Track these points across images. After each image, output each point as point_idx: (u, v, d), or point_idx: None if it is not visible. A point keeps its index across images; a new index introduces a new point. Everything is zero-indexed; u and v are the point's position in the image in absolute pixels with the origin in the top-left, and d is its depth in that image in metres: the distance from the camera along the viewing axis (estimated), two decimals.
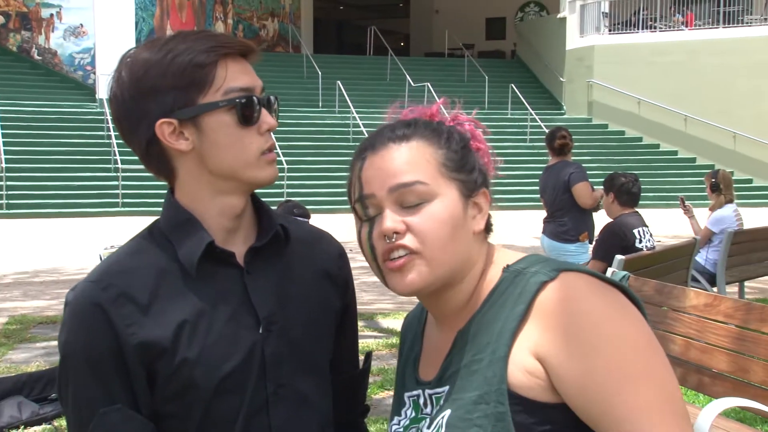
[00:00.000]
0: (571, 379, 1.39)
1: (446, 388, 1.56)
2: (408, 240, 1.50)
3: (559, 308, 1.42)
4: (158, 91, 1.61)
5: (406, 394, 1.67)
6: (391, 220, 1.50)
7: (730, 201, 8.62)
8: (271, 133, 1.66)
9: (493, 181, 1.66)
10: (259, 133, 1.63)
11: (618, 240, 6.39)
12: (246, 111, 1.62)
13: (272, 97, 1.68)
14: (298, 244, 1.79)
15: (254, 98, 1.62)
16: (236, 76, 1.62)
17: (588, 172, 7.61)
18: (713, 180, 8.65)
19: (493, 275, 1.58)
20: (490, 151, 1.66)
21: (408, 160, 1.52)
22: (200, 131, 1.62)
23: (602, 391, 1.36)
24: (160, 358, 1.61)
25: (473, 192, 1.57)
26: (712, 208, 8.63)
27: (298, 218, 1.93)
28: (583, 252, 7.35)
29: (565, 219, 7.49)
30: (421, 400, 1.62)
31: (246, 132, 1.62)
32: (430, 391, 1.60)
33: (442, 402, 1.55)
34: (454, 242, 1.52)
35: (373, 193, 1.53)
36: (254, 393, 1.66)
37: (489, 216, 1.62)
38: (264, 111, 1.64)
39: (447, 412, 1.50)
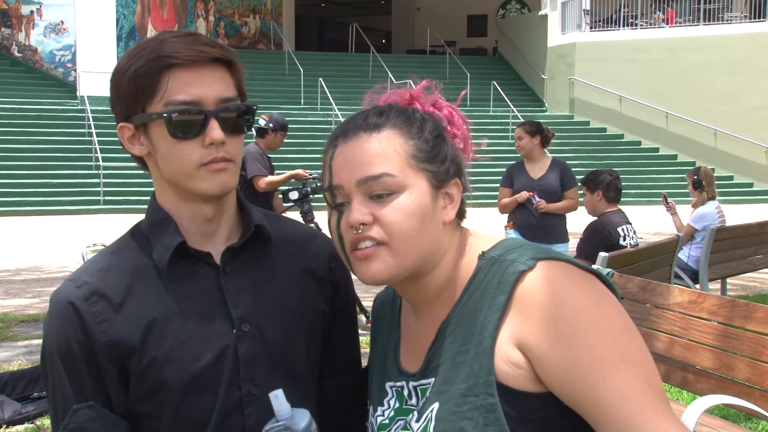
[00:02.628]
0: (554, 368, 1.40)
1: (432, 380, 1.56)
2: (375, 231, 1.51)
3: (539, 299, 1.43)
4: (119, 97, 1.65)
5: (388, 384, 1.66)
6: (358, 211, 1.51)
7: (713, 198, 8.66)
8: (225, 144, 1.61)
9: (474, 177, 1.66)
10: (203, 146, 1.60)
11: (602, 238, 6.40)
12: (176, 126, 1.60)
13: (236, 105, 1.64)
14: (285, 244, 1.78)
15: (193, 111, 1.59)
16: (179, 89, 1.59)
17: (570, 170, 7.60)
18: (695, 177, 8.68)
19: (469, 262, 1.57)
20: (472, 140, 1.66)
21: (377, 152, 1.52)
22: (150, 139, 1.64)
23: (586, 378, 1.38)
24: (130, 357, 1.62)
25: (444, 183, 1.57)
26: (695, 205, 8.65)
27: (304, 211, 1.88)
28: None
29: None
30: (405, 392, 1.62)
31: (186, 144, 1.61)
32: (415, 383, 1.60)
33: (428, 394, 1.55)
34: (422, 234, 1.52)
35: (341, 184, 1.53)
36: (227, 393, 1.66)
37: (463, 202, 1.62)
38: (212, 124, 1.60)
39: (435, 405, 1.51)
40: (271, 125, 7.87)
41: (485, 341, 1.46)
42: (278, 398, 1.60)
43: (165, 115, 1.60)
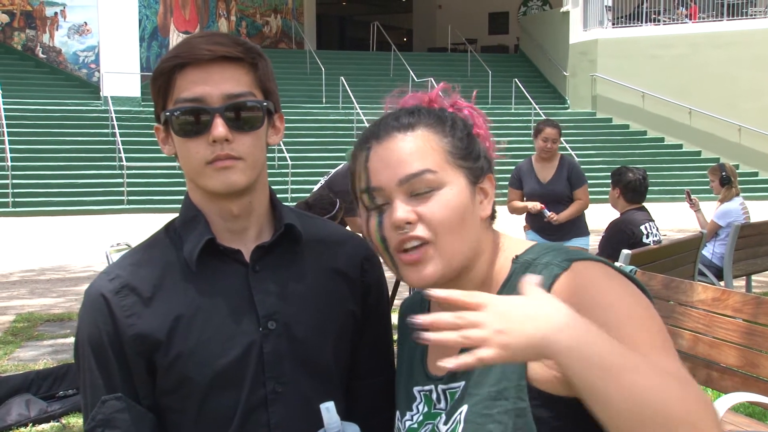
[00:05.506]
0: None
1: (461, 383, 1.54)
2: (420, 230, 1.49)
3: (573, 296, 1.40)
4: (152, 100, 1.68)
5: (416, 389, 1.65)
6: (402, 210, 1.49)
7: (737, 194, 8.62)
8: (232, 142, 1.61)
9: (497, 175, 1.65)
10: (208, 143, 1.61)
11: (625, 237, 6.35)
12: (178, 124, 1.62)
13: (245, 102, 1.63)
14: (317, 244, 1.79)
15: (195, 109, 1.60)
16: (187, 86, 1.61)
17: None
18: (723, 173, 8.62)
19: (503, 265, 1.57)
20: (492, 138, 1.65)
21: (415, 150, 1.51)
22: (173, 139, 1.67)
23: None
24: (156, 350, 1.64)
25: (480, 178, 1.56)
26: (723, 201, 8.60)
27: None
28: None
29: None
30: (434, 396, 1.61)
31: (193, 142, 1.62)
32: (444, 387, 1.59)
33: (457, 397, 1.54)
34: (465, 230, 1.51)
35: (380, 185, 1.52)
36: (252, 390, 1.66)
37: (493, 202, 1.61)
38: (215, 121, 1.60)
39: (464, 408, 1.49)
40: None
41: None
42: (329, 411, 1.59)
43: (168, 113, 1.62)
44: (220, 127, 1.59)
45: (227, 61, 1.62)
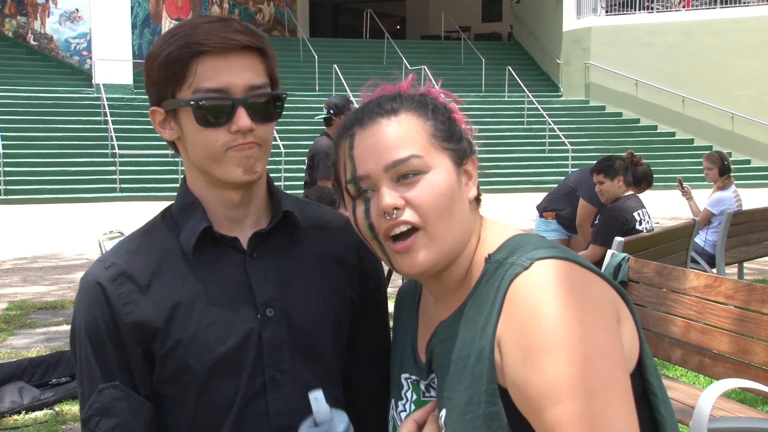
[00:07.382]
0: (511, 375, 1.37)
1: (436, 379, 1.55)
2: (408, 215, 1.48)
3: (519, 308, 1.38)
4: (151, 82, 1.67)
5: (403, 376, 1.66)
6: (389, 196, 1.48)
7: (732, 182, 8.67)
8: (253, 131, 1.62)
9: (490, 164, 1.64)
10: (229, 132, 1.61)
11: (620, 224, 6.38)
12: (203, 113, 1.61)
13: (265, 93, 1.64)
14: (315, 230, 1.79)
15: (220, 99, 1.60)
16: (208, 76, 1.60)
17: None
18: (725, 162, 8.65)
19: (480, 260, 1.54)
20: (467, 122, 1.64)
21: (399, 135, 1.51)
22: (179, 124, 1.66)
23: (531, 401, 1.34)
24: (154, 338, 1.64)
25: (463, 160, 1.56)
26: (720, 189, 8.62)
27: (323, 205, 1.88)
28: (544, 230, 7.58)
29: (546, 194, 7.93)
30: (422, 385, 1.61)
31: (212, 131, 1.61)
32: (426, 382, 1.59)
33: (437, 395, 1.54)
34: (454, 213, 1.50)
35: (367, 173, 1.51)
36: (251, 378, 1.66)
37: (477, 186, 1.61)
38: (239, 112, 1.60)
39: (443, 412, 1.49)
40: (332, 111, 7.64)
41: (486, 348, 1.42)
42: (318, 400, 1.57)
43: (192, 102, 1.61)
44: (244, 118, 1.60)
45: (246, 50, 1.63)
